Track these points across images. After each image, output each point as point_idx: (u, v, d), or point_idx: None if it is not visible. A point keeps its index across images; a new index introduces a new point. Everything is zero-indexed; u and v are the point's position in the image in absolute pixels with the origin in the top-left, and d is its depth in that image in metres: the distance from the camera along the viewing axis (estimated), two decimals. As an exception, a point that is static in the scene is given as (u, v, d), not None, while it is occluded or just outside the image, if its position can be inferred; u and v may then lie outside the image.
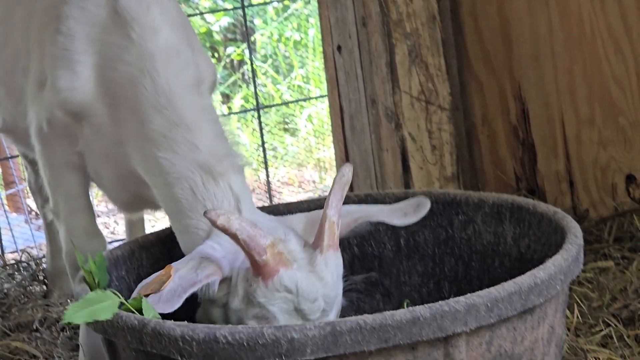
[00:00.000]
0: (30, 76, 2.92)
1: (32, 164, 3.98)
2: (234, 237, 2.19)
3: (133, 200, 2.94)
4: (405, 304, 2.36)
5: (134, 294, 2.21)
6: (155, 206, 2.99)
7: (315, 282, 2.27)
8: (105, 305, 2.09)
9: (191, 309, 2.68)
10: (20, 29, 3.09)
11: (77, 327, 3.78)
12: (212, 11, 9.08)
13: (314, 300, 2.26)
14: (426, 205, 2.58)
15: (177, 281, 2.21)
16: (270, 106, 8.31)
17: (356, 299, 2.68)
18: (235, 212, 2.37)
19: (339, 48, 4.53)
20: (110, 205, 6.98)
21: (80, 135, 2.78)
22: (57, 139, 2.83)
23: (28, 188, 4.68)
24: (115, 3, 2.66)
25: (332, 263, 2.31)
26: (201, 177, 2.47)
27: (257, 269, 2.24)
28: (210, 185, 2.47)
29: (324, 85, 5.30)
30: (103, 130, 2.70)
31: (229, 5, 9.14)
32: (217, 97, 8.41)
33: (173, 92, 2.55)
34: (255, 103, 6.95)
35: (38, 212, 6.53)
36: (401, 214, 2.57)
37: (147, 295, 2.17)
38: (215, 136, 2.55)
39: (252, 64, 6.65)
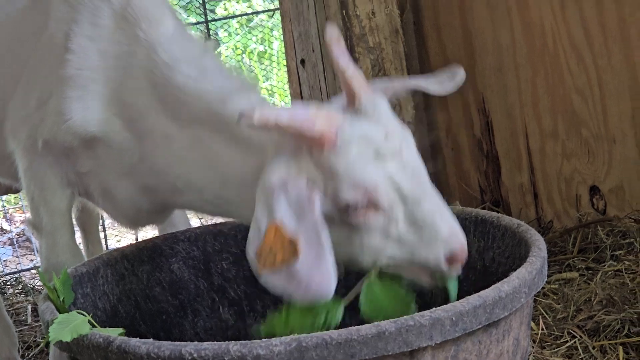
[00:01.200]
0: (24, 93, 2.83)
1: None
2: (276, 128, 2.06)
3: (147, 214, 2.87)
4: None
5: (255, 267, 2.04)
6: (164, 217, 2.96)
7: (373, 123, 2.16)
8: (79, 322, 2.07)
9: (156, 326, 2.67)
10: (16, 51, 3.00)
11: (37, 346, 3.78)
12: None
13: (385, 135, 2.14)
14: (461, 74, 2.47)
15: (301, 236, 2.02)
16: (235, 120, 8.28)
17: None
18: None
19: (302, 62, 4.53)
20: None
21: (88, 156, 2.72)
22: (51, 159, 2.76)
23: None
24: (126, 6, 2.63)
25: (377, 102, 2.20)
26: (224, 135, 2.40)
27: (318, 143, 2.10)
28: (233, 138, 2.39)
29: (289, 99, 5.30)
30: (124, 147, 2.63)
31: (193, 19, 9.14)
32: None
33: (177, 81, 2.50)
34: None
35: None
36: (437, 82, 2.47)
37: (275, 266, 2.00)
38: (221, 89, 2.46)
39: (216, 78, 6.63)
